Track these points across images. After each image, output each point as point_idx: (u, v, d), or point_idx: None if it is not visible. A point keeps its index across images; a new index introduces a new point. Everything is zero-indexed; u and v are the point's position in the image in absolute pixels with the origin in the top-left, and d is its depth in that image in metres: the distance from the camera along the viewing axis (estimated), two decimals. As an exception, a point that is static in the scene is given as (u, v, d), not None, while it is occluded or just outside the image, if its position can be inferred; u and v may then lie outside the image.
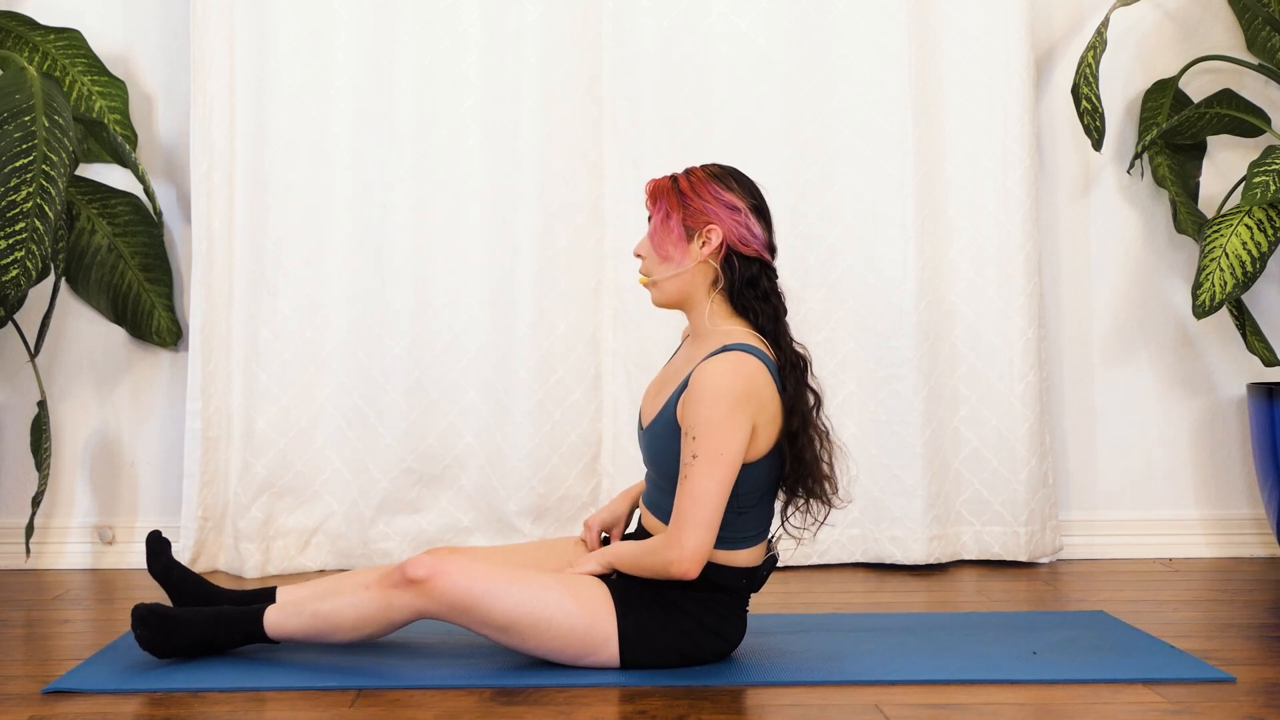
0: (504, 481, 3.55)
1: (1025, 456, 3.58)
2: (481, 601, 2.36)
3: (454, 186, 3.58)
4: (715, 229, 2.41)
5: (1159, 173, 3.71)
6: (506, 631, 2.39)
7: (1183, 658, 2.53)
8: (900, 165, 3.57)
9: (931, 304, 3.60)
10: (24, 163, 3.13)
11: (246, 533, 3.53)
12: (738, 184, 2.45)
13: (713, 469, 2.31)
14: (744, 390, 2.33)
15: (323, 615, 2.45)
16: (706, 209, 2.41)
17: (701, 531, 2.33)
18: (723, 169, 2.48)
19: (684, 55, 3.61)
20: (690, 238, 2.42)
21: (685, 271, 2.44)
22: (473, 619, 2.38)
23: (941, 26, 3.64)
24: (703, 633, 2.44)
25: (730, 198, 2.42)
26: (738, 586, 2.46)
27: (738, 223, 2.41)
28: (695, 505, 2.32)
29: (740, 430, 2.33)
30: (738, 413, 2.32)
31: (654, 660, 2.42)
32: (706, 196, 2.42)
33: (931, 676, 2.41)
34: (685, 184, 2.45)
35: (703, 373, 2.34)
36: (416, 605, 2.38)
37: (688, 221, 2.42)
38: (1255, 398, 3.54)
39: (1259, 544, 3.74)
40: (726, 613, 2.46)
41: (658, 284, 2.47)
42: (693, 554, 2.33)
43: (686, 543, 2.33)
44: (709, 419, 2.31)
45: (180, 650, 2.49)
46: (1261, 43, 3.68)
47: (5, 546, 3.67)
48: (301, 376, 3.58)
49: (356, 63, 3.59)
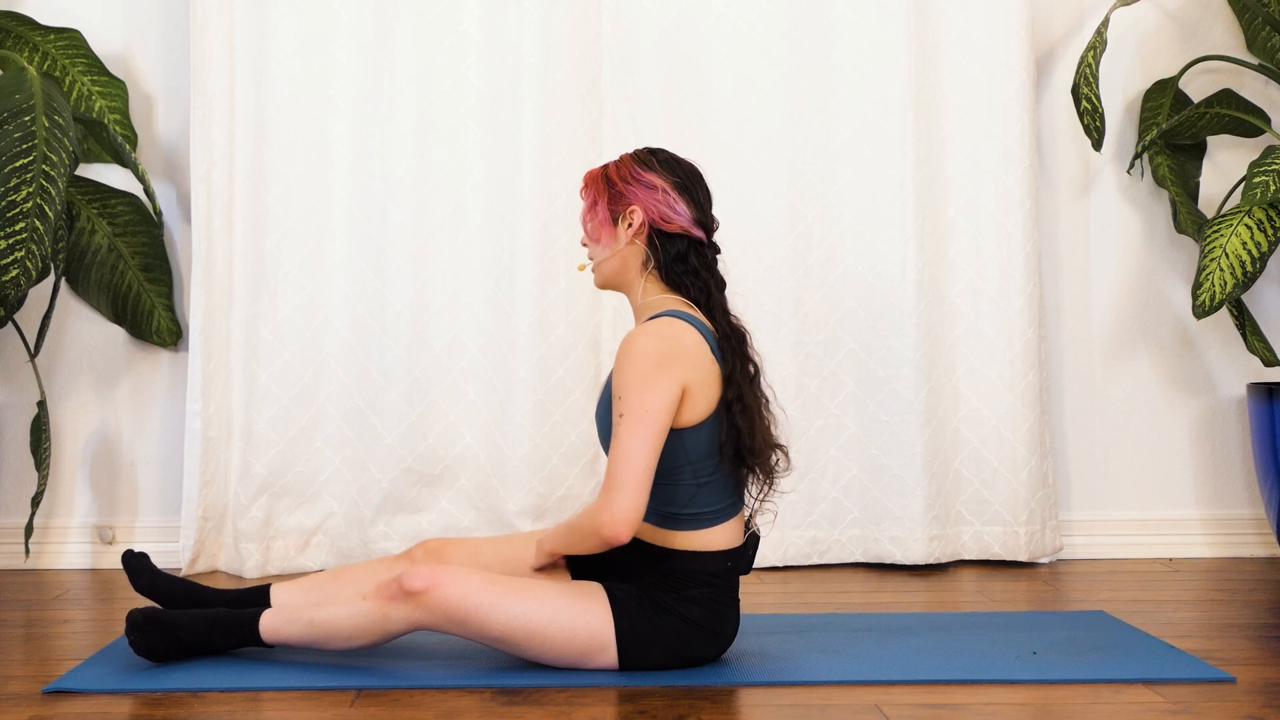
0: (504, 481, 3.55)
1: (1025, 456, 3.58)
2: (477, 613, 2.35)
3: (454, 186, 3.58)
4: (636, 209, 2.48)
5: (1159, 173, 3.71)
6: (504, 641, 2.39)
7: (1183, 658, 2.53)
8: (900, 165, 3.57)
9: (931, 304, 3.60)
10: (24, 163, 3.13)
11: (246, 533, 3.53)
12: (660, 164, 2.51)
13: (637, 427, 2.32)
14: (666, 350, 2.36)
15: (319, 624, 2.45)
16: (628, 191, 2.49)
17: (629, 492, 2.31)
18: (649, 151, 2.55)
19: (684, 55, 3.61)
20: (616, 221, 2.50)
21: (617, 253, 2.51)
22: (470, 630, 2.38)
23: (941, 26, 3.64)
24: (697, 632, 2.43)
25: (650, 177, 2.49)
26: (723, 571, 2.44)
27: (657, 201, 2.47)
28: (622, 465, 2.31)
29: (665, 389, 2.33)
30: (661, 372, 2.34)
31: (653, 663, 2.42)
32: (629, 178, 2.50)
33: (931, 676, 2.41)
34: (612, 169, 2.54)
35: (627, 339, 2.39)
36: (414, 617, 2.38)
37: (612, 206, 2.51)
38: (1255, 398, 3.55)
39: (1259, 544, 3.74)
40: (719, 607, 2.44)
41: (596, 266, 2.55)
42: (623, 515, 2.31)
43: (615, 503, 2.31)
44: (630, 380, 2.33)
45: (176, 654, 2.48)
46: (1261, 43, 3.68)
47: (5, 546, 3.67)
48: (301, 376, 3.58)
49: (356, 63, 3.59)
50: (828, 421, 3.60)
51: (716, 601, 2.44)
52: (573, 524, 2.44)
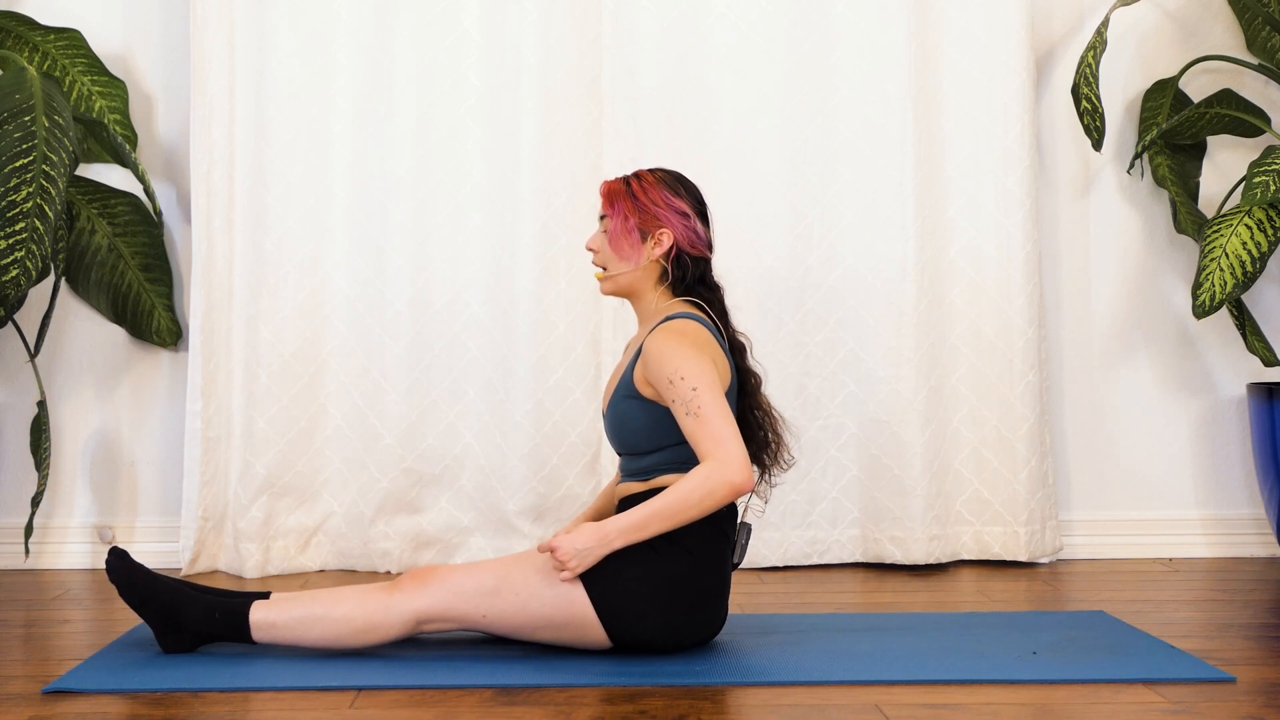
0: (504, 481, 3.55)
1: (1025, 456, 3.58)
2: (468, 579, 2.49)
3: (454, 186, 3.59)
4: (667, 232, 2.62)
5: (1159, 173, 3.71)
6: (496, 625, 2.48)
7: (1183, 658, 2.53)
8: (900, 165, 3.57)
9: (931, 304, 3.60)
10: (24, 163, 3.13)
11: (247, 533, 3.53)
12: (685, 190, 2.67)
13: (710, 392, 2.45)
14: (697, 336, 2.53)
15: (319, 599, 2.53)
16: (659, 214, 2.62)
17: (735, 442, 2.42)
18: (670, 174, 2.69)
19: (684, 55, 3.61)
20: (644, 239, 2.62)
21: (639, 268, 2.64)
22: (466, 607, 2.48)
23: (941, 26, 3.64)
24: (674, 552, 2.46)
25: (680, 204, 2.63)
26: (716, 515, 2.50)
27: (687, 227, 2.63)
28: (716, 422, 2.43)
29: (710, 362, 2.49)
30: (702, 352, 2.50)
31: (643, 632, 2.46)
32: (659, 202, 2.62)
33: (931, 676, 2.41)
34: (638, 188, 2.65)
35: (657, 335, 2.53)
36: (417, 604, 2.47)
37: (642, 225, 2.62)
38: (1255, 398, 3.55)
39: (1259, 544, 3.74)
40: (700, 533, 2.48)
41: (613, 278, 2.66)
42: (741, 459, 2.41)
43: (730, 453, 2.41)
44: (683, 360, 2.47)
45: (150, 599, 2.52)
46: (1261, 43, 3.68)
47: (5, 546, 3.67)
48: (301, 376, 3.58)
49: (356, 63, 3.59)
50: (828, 421, 3.60)
51: (707, 537, 2.49)
52: (669, 496, 2.42)
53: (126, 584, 2.52)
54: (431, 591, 2.48)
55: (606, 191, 2.67)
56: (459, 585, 2.48)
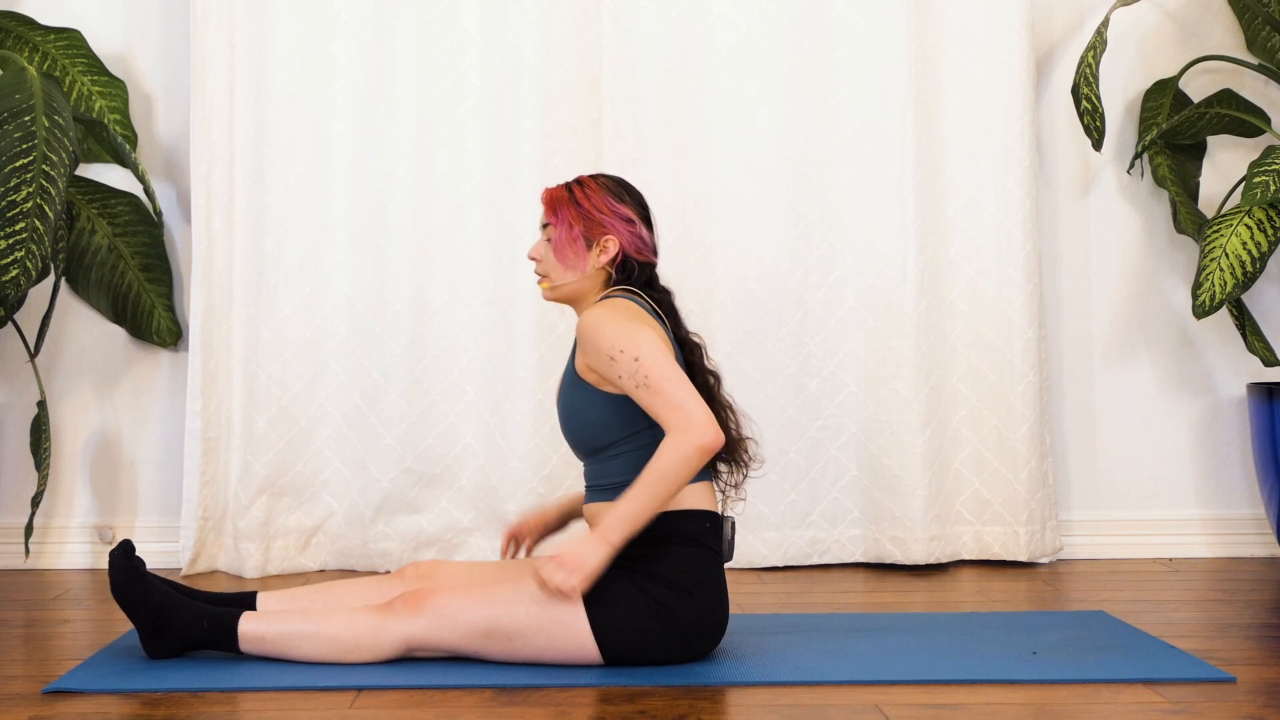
0: (504, 481, 3.55)
1: (1025, 456, 3.58)
2: (465, 615, 2.43)
3: (454, 186, 3.59)
4: (612, 239, 2.56)
5: (1159, 173, 3.71)
6: (490, 645, 2.44)
7: (1183, 658, 2.53)
8: (900, 165, 3.57)
9: (931, 304, 3.60)
10: (24, 163, 3.13)
11: (246, 533, 3.53)
12: (629, 195, 2.61)
13: (653, 357, 2.40)
14: (628, 309, 2.49)
15: (309, 615, 2.50)
16: (605, 221, 2.56)
17: (694, 402, 2.38)
18: (614, 180, 2.63)
19: (684, 55, 3.61)
20: (590, 246, 2.57)
21: (585, 276, 2.58)
22: (459, 630, 2.43)
23: (941, 26, 3.64)
24: (674, 594, 2.41)
25: (624, 210, 2.58)
26: (702, 531, 2.45)
27: (633, 233, 2.57)
28: (669, 388, 2.39)
29: (648, 330, 2.44)
30: (635, 322, 2.45)
31: (638, 654, 2.42)
32: (604, 209, 2.57)
33: (931, 676, 2.41)
34: (581, 195, 2.59)
35: (586, 316, 2.48)
36: (408, 629, 2.44)
37: (587, 233, 2.56)
38: (1255, 398, 3.55)
39: (1259, 544, 3.74)
40: (696, 565, 2.44)
41: (556, 287, 2.60)
42: (702, 419, 2.36)
43: (691, 414, 2.37)
44: (618, 332, 2.42)
45: (142, 598, 2.49)
46: (1261, 43, 3.68)
47: (5, 546, 3.67)
48: (301, 376, 3.58)
49: (356, 63, 3.59)
50: (828, 421, 3.60)
51: (694, 560, 2.44)
52: (646, 474, 2.37)
53: (122, 583, 2.50)
54: (424, 621, 2.43)
55: (549, 199, 2.59)
56: (452, 617, 2.42)
